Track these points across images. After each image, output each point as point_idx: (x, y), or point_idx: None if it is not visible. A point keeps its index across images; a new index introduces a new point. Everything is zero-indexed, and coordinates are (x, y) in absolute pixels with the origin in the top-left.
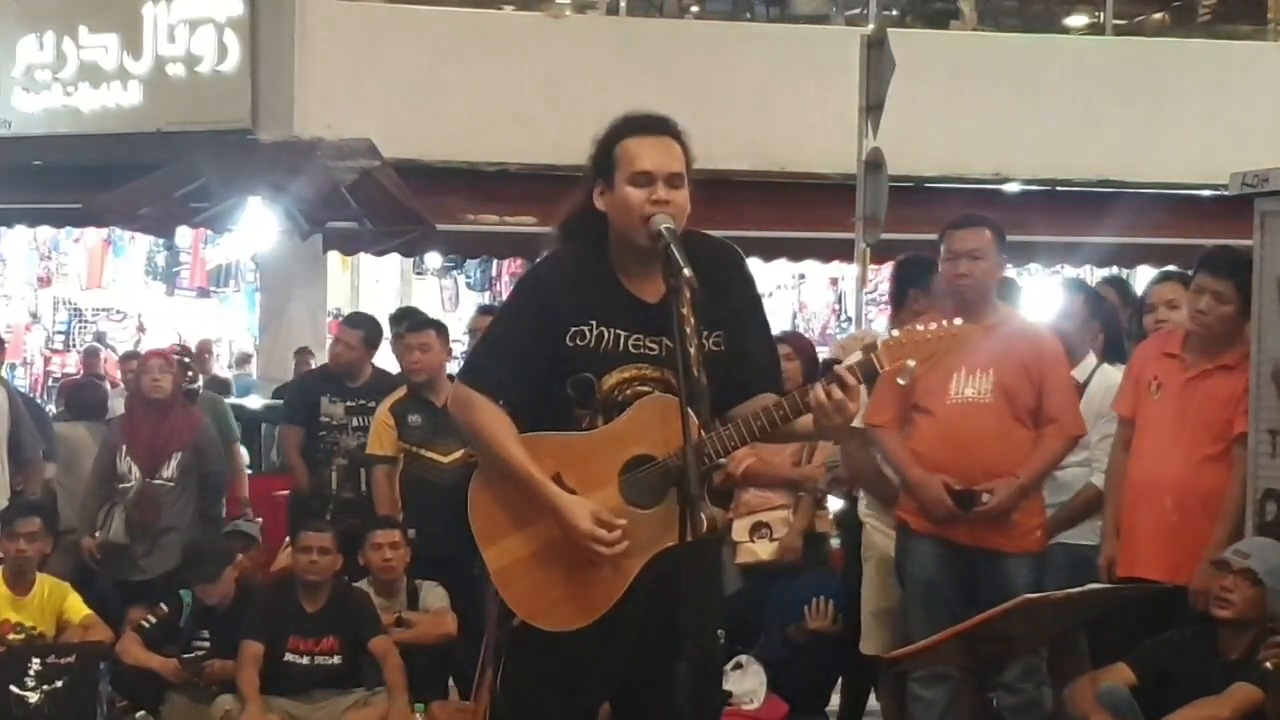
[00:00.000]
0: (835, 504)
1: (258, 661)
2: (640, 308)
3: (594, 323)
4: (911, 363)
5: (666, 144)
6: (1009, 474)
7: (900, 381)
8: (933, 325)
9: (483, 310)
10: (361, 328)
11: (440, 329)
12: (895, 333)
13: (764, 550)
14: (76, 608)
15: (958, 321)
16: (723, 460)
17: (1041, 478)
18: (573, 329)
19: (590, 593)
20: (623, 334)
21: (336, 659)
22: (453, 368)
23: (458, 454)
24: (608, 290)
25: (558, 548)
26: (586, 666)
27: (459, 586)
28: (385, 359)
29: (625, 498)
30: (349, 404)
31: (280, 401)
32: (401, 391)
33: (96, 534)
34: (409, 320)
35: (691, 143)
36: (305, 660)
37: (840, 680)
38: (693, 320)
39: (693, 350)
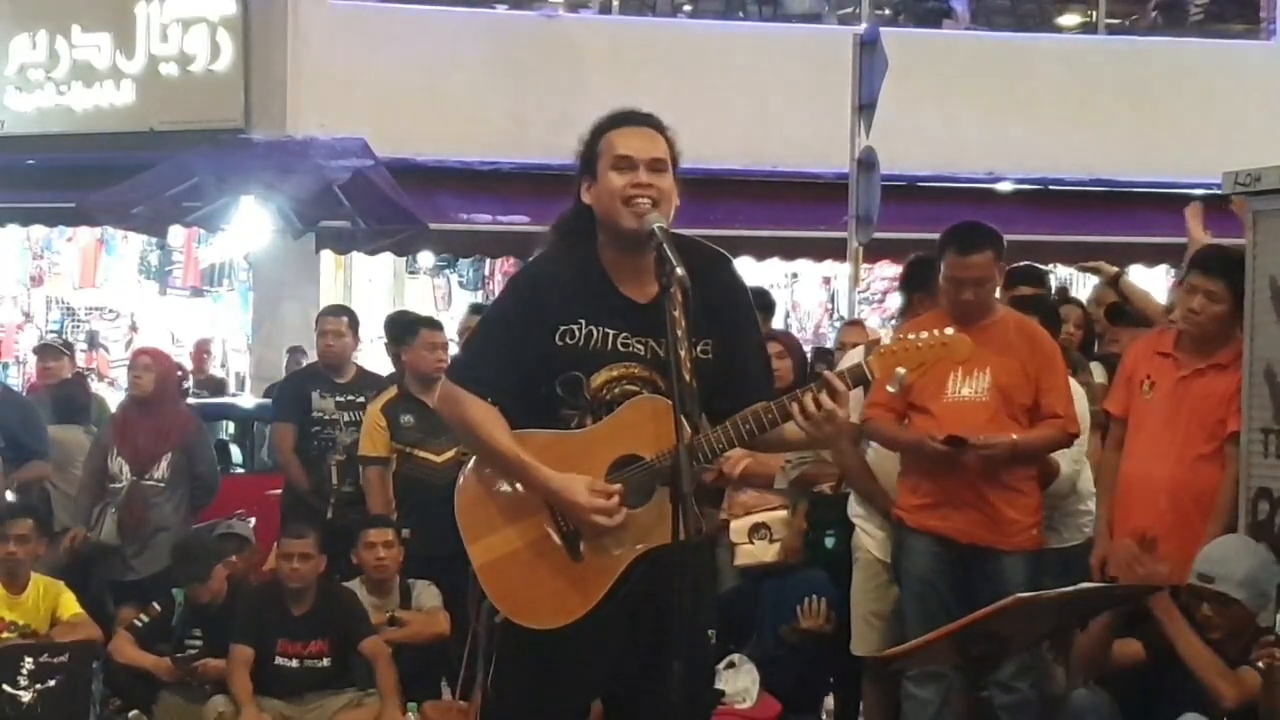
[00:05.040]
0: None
1: (248, 665)
2: (630, 308)
3: (583, 321)
4: (902, 370)
5: (648, 133)
6: (1005, 473)
7: (890, 389)
8: (924, 334)
9: (474, 310)
10: (345, 314)
11: None
12: (887, 341)
13: (765, 552)
14: (68, 605)
15: (949, 331)
16: (710, 464)
17: (1033, 450)
18: (562, 328)
19: (574, 591)
20: (611, 333)
21: (326, 661)
22: None
23: (451, 453)
24: (597, 289)
25: (543, 545)
26: (575, 665)
27: (453, 586)
28: (369, 360)
29: None
30: (339, 399)
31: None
32: (393, 392)
33: (90, 533)
34: (425, 321)
35: (684, 142)
36: (294, 664)
37: (834, 680)
38: (683, 323)
39: (683, 352)
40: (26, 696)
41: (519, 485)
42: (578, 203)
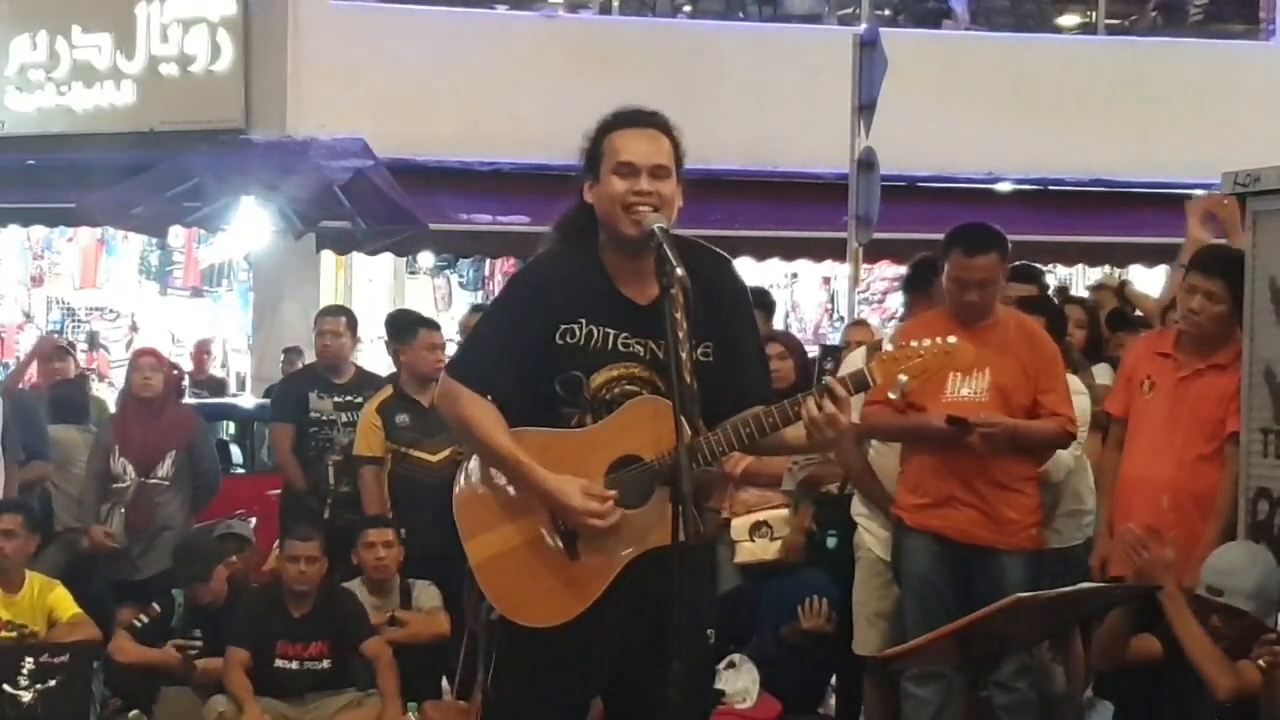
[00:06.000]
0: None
1: (244, 667)
2: (630, 308)
3: (584, 321)
4: (904, 377)
5: (653, 136)
6: (1003, 474)
7: (892, 395)
8: (926, 341)
9: (475, 309)
10: (343, 314)
11: None
12: (889, 347)
13: (765, 549)
14: (64, 604)
15: (951, 339)
16: (710, 466)
17: (1033, 439)
18: (562, 327)
19: (571, 590)
20: (611, 333)
21: (326, 663)
22: None
23: (446, 453)
24: (598, 289)
25: (540, 544)
26: (574, 664)
27: (451, 586)
28: (368, 360)
29: None
30: (337, 400)
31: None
32: (388, 391)
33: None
34: (424, 321)
35: (685, 142)
36: (294, 665)
37: (834, 679)
38: (684, 324)
39: (684, 354)
40: (27, 696)
41: None
42: (580, 201)
